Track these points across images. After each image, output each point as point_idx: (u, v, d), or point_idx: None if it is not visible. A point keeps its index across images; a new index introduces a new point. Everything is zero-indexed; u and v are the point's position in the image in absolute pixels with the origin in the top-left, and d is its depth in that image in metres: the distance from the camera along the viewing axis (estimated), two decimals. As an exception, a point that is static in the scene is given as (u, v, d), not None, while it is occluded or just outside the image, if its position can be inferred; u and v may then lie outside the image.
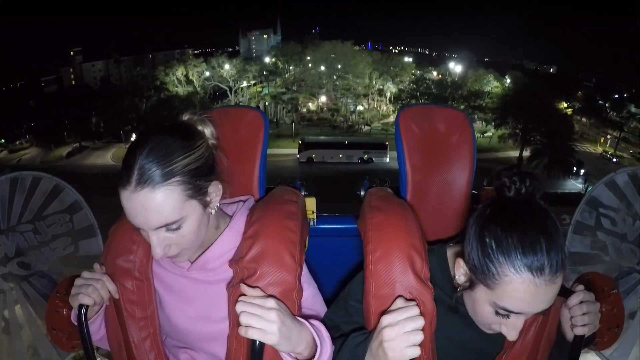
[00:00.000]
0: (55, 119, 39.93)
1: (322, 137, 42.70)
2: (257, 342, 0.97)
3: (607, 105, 41.90)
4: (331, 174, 33.93)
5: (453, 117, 1.52)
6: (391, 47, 58.26)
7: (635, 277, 1.71)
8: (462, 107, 45.03)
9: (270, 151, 1.46)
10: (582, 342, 1.11)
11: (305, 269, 1.22)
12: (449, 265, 1.18)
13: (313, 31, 59.34)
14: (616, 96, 42.26)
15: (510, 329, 1.02)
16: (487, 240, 0.96)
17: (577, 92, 43.94)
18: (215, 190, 1.10)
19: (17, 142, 43.86)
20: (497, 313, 1.00)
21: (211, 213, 1.11)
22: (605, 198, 1.79)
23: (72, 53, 54.58)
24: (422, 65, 55.29)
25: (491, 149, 43.38)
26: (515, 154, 39.83)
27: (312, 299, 1.22)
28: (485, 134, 45.74)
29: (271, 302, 0.97)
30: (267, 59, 56.01)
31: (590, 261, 1.79)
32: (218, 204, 1.13)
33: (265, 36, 64.74)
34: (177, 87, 47.64)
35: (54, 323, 1.44)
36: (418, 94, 47.21)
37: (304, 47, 53.42)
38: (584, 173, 33.72)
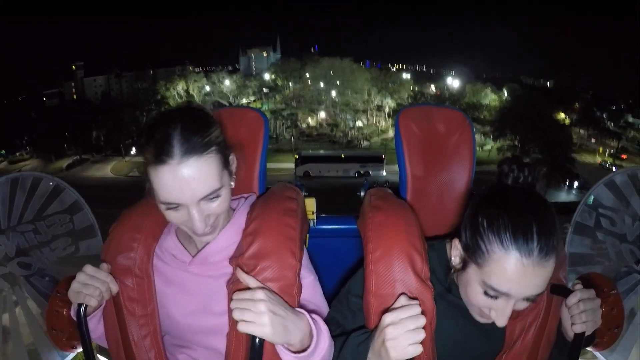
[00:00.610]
0: (56, 132, 40.30)
1: (318, 151, 42.87)
2: (257, 339, 0.97)
3: (604, 116, 42.00)
4: (329, 187, 34.05)
5: (453, 117, 1.52)
6: (389, 65, 58.47)
7: (635, 277, 1.70)
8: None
9: (268, 165, 1.46)
10: (582, 341, 1.11)
11: (306, 258, 1.23)
12: (448, 259, 1.18)
13: (312, 50, 59.78)
14: (613, 107, 42.30)
15: (500, 314, 1.02)
16: (480, 219, 0.99)
17: (574, 103, 44.04)
18: (233, 159, 1.15)
19: (18, 154, 44.07)
20: (486, 294, 1.01)
21: (232, 185, 1.14)
22: (604, 199, 1.79)
23: (73, 67, 54.92)
24: (420, 81, 55.91)
25: (490, 161, 43.35)
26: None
27: (312, 288, 1.22)
28: (485, 147, 45.79)
29: (259, 294, 0.97)
30: (266, 76, 56.47)
31: (590, 261, 1.79)
32: None
33: (264, 54, 65.21)
34: (177, 101, 47.90)
35: (54, 323, 1.44)
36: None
37: (303, 64, 53.85)
38: (578, 185, 33.81)
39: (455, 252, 1.09)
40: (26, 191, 1.76)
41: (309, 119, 54.14)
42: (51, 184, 1.80)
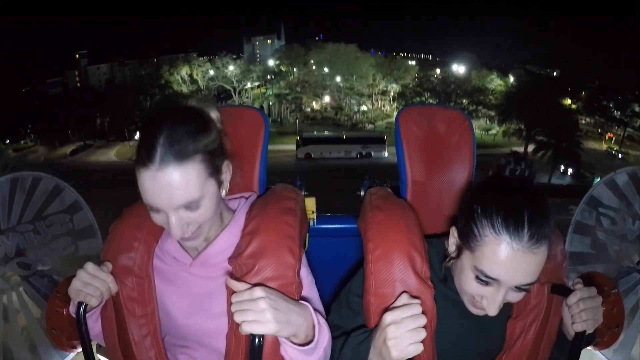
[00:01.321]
0: (59, 119, 40.15)
1: (320, 133, 42.68)
2: (257, 339, 0.97)
3: (610, 105, 41.94)
4: (330, 168, 34.27)
5: (453, 117, 1.52)
6: (394, 54, 58.30)
7: (635, 277, 1.71)
8: (465, 101, 45.79)
9: (272, 147, 1.47)
10: (583, 340, 1.11)
11: (304, 261, 1.22)
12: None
13: (317, 38, 59.51)
14: (619, 97, 42.24)
15: (490, 302, 1.04)
16: (475, 206, 1.02)
17: (581, 92, 43.91)
18: (227, 170, 1.12)
19: (22, 142, 43.95)
20: (477, 279, 1.03)
21: (222, 194, 1.12)
22: (605, 198, 1.80)
23: (77, 56, 54.77)
24: (426, 69, 55.31)
25: (496, 145, 43.59)
26: (520, 149, 39.89)
27: (308, 290, 1.21)
28: (490, 132, 46.01)
29: (258, 292, 0.97)
30: (270, 62, 56.22)
31: (590, 261, 1.79)
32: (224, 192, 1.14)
33: (269, 41, 64.74)
34: (181, 86, 47.85)
35: (54, 323, 1.44)
36: (421, 90, 47.45)
37: (308, 50, 53.66)
38: (572, 173, 34.04)
39: (452, 240, 1.11)
40: (26, 191, 1.76)
41: (314, 103, 54.12)
42: (51, 183, 1.80)
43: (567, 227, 1.85)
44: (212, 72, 50.48)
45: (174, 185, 0.98)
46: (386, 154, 37.02)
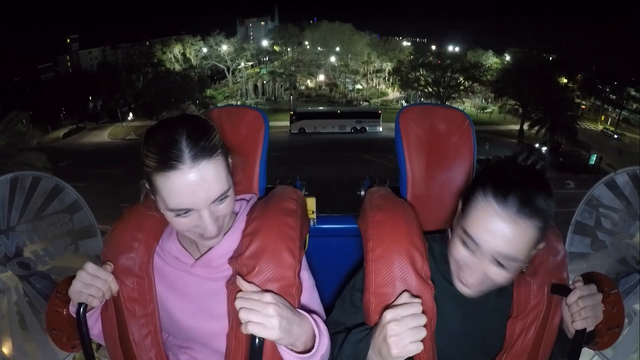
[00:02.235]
0: (51, 104, 39.82)
1: (314, 108, 42.63)
2: (257, 340, 0.97)
3: (607, 89, 41.98)
4: (326, 142, 34.59)
5: (453, 117, 1.52)
6: (389, 37, 58.36)
7: (635, 277, 1.71)
8: (461, 78, 45.78)
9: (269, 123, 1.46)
10: (583, 338, 1.11)
11: (304, 263, 1.22)
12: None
13: (311, 22, 59.35)
14: (615, 82, 42.23)
15: (471, 274, 1.07)
16: (475, 181, 1.08)
17: (577, 75, 43.88)
18: (235, 163, 1.15)
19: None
20: (463, 243, 1.06)
21: (234, 188, 1.13)
22: (605, 198, 1.80)
23: (68, 40, 54.39)
24: (421, 50, 54.94)
25: (492, 122, 43.87)
26: (516, 127, 40.20)
27: (309, 293, 1.22)
28: (486, 110, 46.30)
29: (268, 297, 0.98)
30: (264, 42, 56.01)
31: (590, 261, 1.79)
32: None
33: (262, 23, 64.58)
34: (174, 64, 47.60)
35: (54, 323, 1.43)
36: (417, 64, 47.28)
37: (302, 30, 53.60)
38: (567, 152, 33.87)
39: (456, 215, 1.14)
40: (25, 191, 1.76)
41: (308, 81, 54.38)
42: (51, 183, 1.80)
43: (563, 200, 1.85)
44: (205, 50, 50.29)
45: (210, 179, 1.00)
46: (381, 128, 37.06)
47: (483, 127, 38.54)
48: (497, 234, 0.99)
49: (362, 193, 1.50)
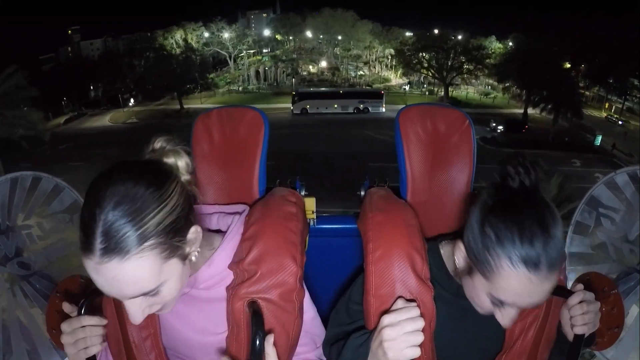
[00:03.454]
0: (52, 91, 39.59)
1: (317, 89, 43.13)
2: (257, 343, 0.97)
3: (610, 80, 42.16)
4: (327, 121, 35.25)
5: (453, 117, 1.52)
6: (391, 27, 58.47)
7: (635, 277, 1.71)
8: (463, 59, 46.42)
9: (268, 106, 1.46)
10: (582, 342, 1.11)
11: (307, 292, 1.20)
12: (444, 261, 1.20)
13: (313, 14, 59.47)
14: (619, 73, 42.38)
15: (505, 317, 1.03)
16: (487, 231, 0.97)
17: (581, 63, 43.94)
18: (195, 236, 0.98)
19: None
20: (492, 302, 1.02)
21: (192, 260, 1.00)
22: (605, 198, 1.79)
23: (69, 32, 54.66)
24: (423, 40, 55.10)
25: (495, 106, 44.76)
26: (519, 110, 40.66)
27: (311, 321, 1.23)
28: (489, 96, 47.07)
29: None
30: (266, 32, 56.21)
31: (590, 261, 1.79)
32: (215, 209, 1.11)
33: (264, 15, 64.61)
34: (175, 50, 47.92)
35: (54, 323, 1.43)
36: (420, 46, 47.55)
37: (304, 18, 53.86)
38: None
39: (460, 256, 1.08)
40: (26, 191, 1.76)
41: (310, 67, 55.07)
42: (51, 183, 1.80)
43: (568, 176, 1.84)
44: (206, 35, 50.62)
45: (122, 280, 0.84)
46: (384, 109, 37.49)
47: (487, 110, 39.18)
48: (534, 295, 0.96)
49: (362, 193, 1.50)
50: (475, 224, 1.01)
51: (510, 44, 49.71)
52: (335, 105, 38.08)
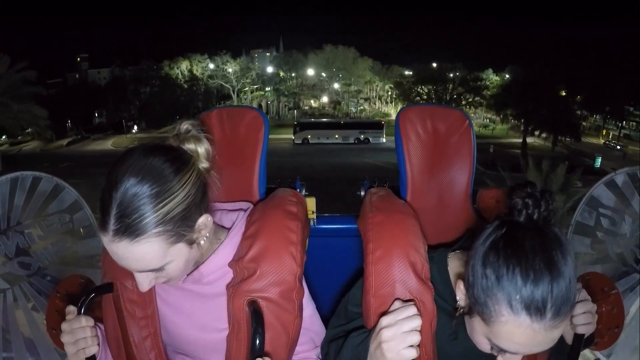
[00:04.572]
0: (56, 114, 39.65)
1: (318, 119, 43.64)
2: (258, 342, 0.97)
3: (607, 108, 42.77)
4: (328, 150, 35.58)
5: (453, 117, 1.52)
6: (391, 65, 59.55)
7: (635, 277, 1.71)
8: (462, 90, 47.56)
9: (270, 137, 1.45)
10: (582, 342, 1.11)
11: (306, 290, 1.21)
12: (450, 274, 1.16)
13: (315, 51, 60.35)
14: (616, 101, 42.96)
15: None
16: (488, 271, 0.88)
17: (577, 94, 44.62)
18: (204, 224, 1.01)
19: (19, 137, 43.77)
20: (492, 348, 0.94)
21: (201, 243, 1.05)
22: (605, 198, 1.80)
23: (78, 59, 55.30)
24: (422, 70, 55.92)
25: (494, 136, 45.22)
26: (518, 140, 40.97)
27: (309, 319, 1.23)
28: (487, 127, 47.46)
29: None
30: (269, 69, 56.73)
31: (590, 261, 1.79)
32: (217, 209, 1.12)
33: (268, 54, 65.60)
34: (181, 80, 48.79)
35: (54, 323, 1.44)
36: (419, 79, 48.71)
37: (306, 56, 54.21)
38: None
39: (460, 295, 1.01)
40: (26, 191, 1.76)
41: (312, 101, 56.03)
42: (51, 183, 1.80)
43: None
44: (212, 66, 51.31)
45: (130, 257, 0.92)
46: (384, 139, 37.63)
47: (486, 140, 39.72)
48: (537, 345, 0.86)
49: (362, 193, 1.49)
50: (476, 262, 0.91)
51: (507, 75, 50.54)
52: (337, 136, 38.34)
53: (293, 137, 38.36)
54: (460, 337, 1.14)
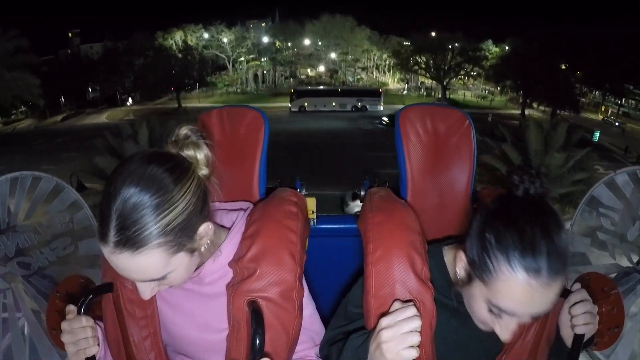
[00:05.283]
0: (49, 90, 38.77)
1: (315, 87, 43.69)
2: (257, 342, 0.97)
3: (607, 86, 42.68)
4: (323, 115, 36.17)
5: (453, 117, 1.52)
6: (389, 35, 59.14)
7: (635, 277, 1.71)
8: (460, 59, 46.89)
9: (266, 104, 1.46)
10: (582, 342, 1.11)
11: (306, 289, 1.21)
12: (446, 265, 1.17)
13: (313, 21, 60.07)
14: (616, 78, 42.98)
15: (503, 329, 1.00)
16: (487, 235, 0.94)
17: (577, 69, 44.45)
18: (205, 232, 1.00)
19: (13, 116, 43.11)
20: (490, 311, 0.98)
21: (201, 251, 1.03)
22: (605, 198, 1.80)
23: (70, 35, 54.81)
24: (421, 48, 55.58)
25: (494, 107, 44.88)
26: (516, 111, 41.08)
27: (309, 318, 1.23)
28: (486, 99, 47.68)
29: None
30: (265, 39, 56.50)
31: (590, 261, 1.79)
32: (217, 208, 1.11)
33: (263, 24, 64.79)
34: (175, 52, 48.16)
35: (54, 323, 1.43)
36: (417, 48, 48.15)
37: (302, 26, 54.30)
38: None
39: (461, 265, 1.05)
40: (25, 191, 1.76)
41: (308, 70, 55.92)
42: (51, 183, 1.80)
43: None
44: (206, 36, 50.73)
45: (132, 269, 0.91)
46: (382, 107, 37.67)
47: (484, 111, 39.77)
48: (534, 304, 0.92)
49: (362, 193, 1.50)
50: (475, 228, 0.98)
51: (507, 47, 49.93)
52: (334, 104, 38.19)
53: (290, 105, 38.25)
54: (460, 334, 1.15)
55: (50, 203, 1.80)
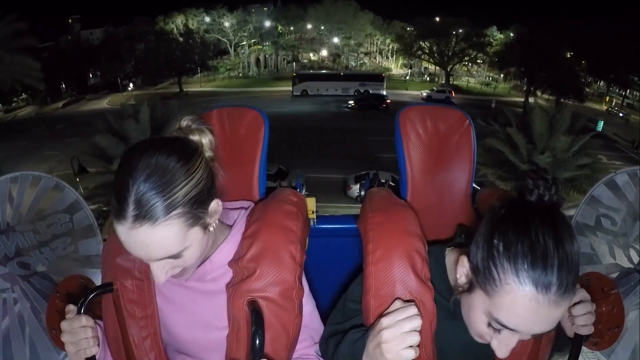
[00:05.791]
0: (50, 76, 38.89)
1: (317, 71, 43.60)
2: (257, 342, 0.97)
3: (611, 76, 42.52)
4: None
5: (453, 117, 1.52)
6: (392, 20, 58.74)
7: (635, 277, 1.71)
8: (464, 45, 46.41)
9: (268, 89, 1.46)
10: (582, 342, 1.11)
11: (306, 287, 1.21)
12: (447, 268, 1.16)
13: (315, 5, 59.54)
14: (619, 70, 42.82)
15: (502, 345, 0.94)
16: (495, 241, 0.88)
17: (582, 58, 44.19)
18: (215, 209, 1.03)
19: (13, 103, 43.10)
20: (489, 325, 0.93)
21: (211, 230, 1.05)
22: (605, 198, 1.79)
23: (70, 21, 54.37)
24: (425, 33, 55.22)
25: (497, 94, 44.86)
26: (520, 99, 40.69)
27: (309, 316, 1.23)
28: (489, 86, 47.55)
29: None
30: (267, 23, 56.00)
31: (590, 261, 1.79)
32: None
33: (265, 8, 64.28)
34: (176, 36, 47.76)
35: (54, 323, 1.44)
36: (421, 33, 47.64)
37: (305, 10, 53.89)
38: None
39: (462, 271, 1.00)
40: (26, 190, 1.76)
41: (311, 54, 55.61)
42: (51, 183, 1.80)
43: None
44: (207, 20, 50.31)
45: (150, 244, 0.92)
46: (384, 92, 37.48)
47: (488, 97, 40.07)
48: (539, 322, 0.86)
49: (362, 193, 1.49)
50: (483, 233, 0.92)
51: (512, 34, 49.29)
52: (336, 88, 38.02)
53: (292, 89, 38.17)
54: (459, 335, 1.15)
55: (50, 203, 1.80)
